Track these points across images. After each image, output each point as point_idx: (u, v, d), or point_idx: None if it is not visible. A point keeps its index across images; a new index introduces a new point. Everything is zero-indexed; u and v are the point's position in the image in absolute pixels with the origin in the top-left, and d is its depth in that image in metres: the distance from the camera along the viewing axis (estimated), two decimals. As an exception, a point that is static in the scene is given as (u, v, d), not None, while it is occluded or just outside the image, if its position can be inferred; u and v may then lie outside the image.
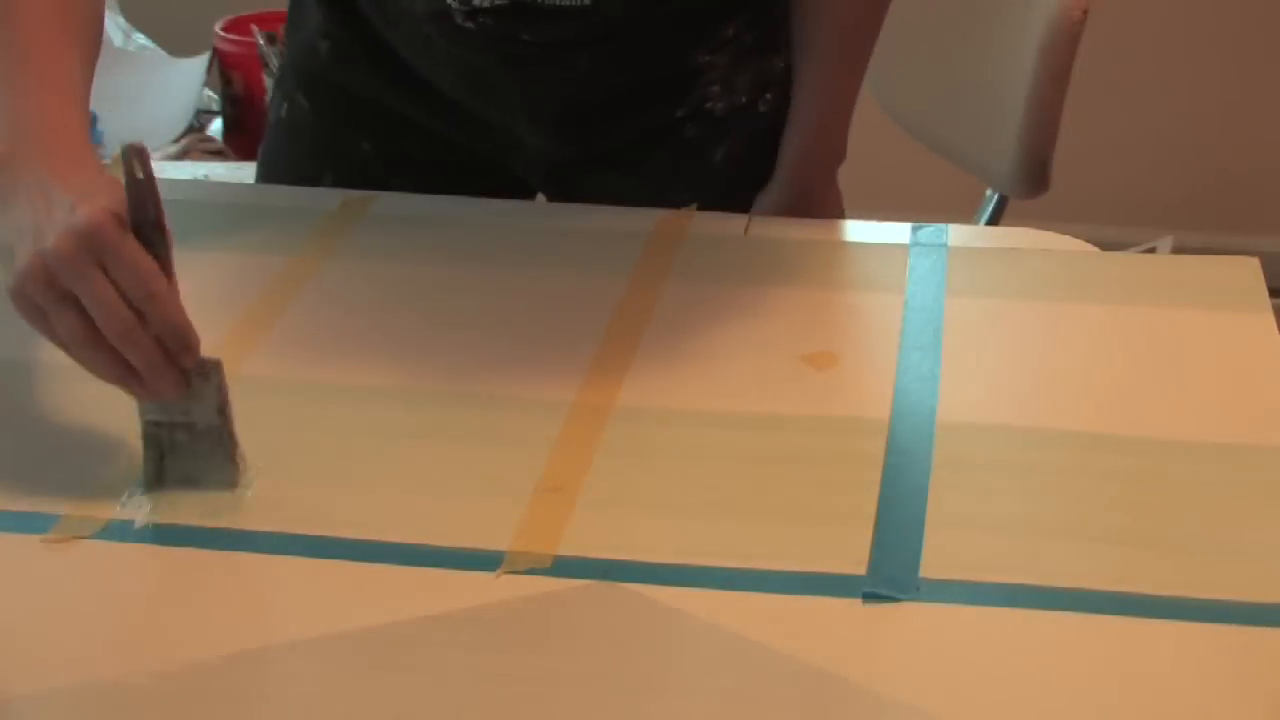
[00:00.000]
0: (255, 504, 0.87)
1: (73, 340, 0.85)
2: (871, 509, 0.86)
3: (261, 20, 1.81)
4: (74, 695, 0.74)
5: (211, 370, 0.88)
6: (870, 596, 0.80)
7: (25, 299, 0.85)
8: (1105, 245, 1.18)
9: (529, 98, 1.23)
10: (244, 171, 1.59)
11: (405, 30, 1.23)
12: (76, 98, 0.96)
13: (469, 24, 1.17)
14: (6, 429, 0.95)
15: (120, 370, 0.85)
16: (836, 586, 0.81)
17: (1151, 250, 2.45)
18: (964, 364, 1.00)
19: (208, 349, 1.00)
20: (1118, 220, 2.73)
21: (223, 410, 0.89)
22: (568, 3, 1.16)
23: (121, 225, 0.84)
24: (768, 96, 1.28)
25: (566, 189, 1.29)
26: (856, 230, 1.23)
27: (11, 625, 0.79)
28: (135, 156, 0.86)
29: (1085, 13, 1.45)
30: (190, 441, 0.89)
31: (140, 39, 2.14)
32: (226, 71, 1.80)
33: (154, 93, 1.90)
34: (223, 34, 1.81)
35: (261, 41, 1.63)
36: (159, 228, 0.86)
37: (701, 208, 1.23)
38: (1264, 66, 2.76)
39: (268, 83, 1.67)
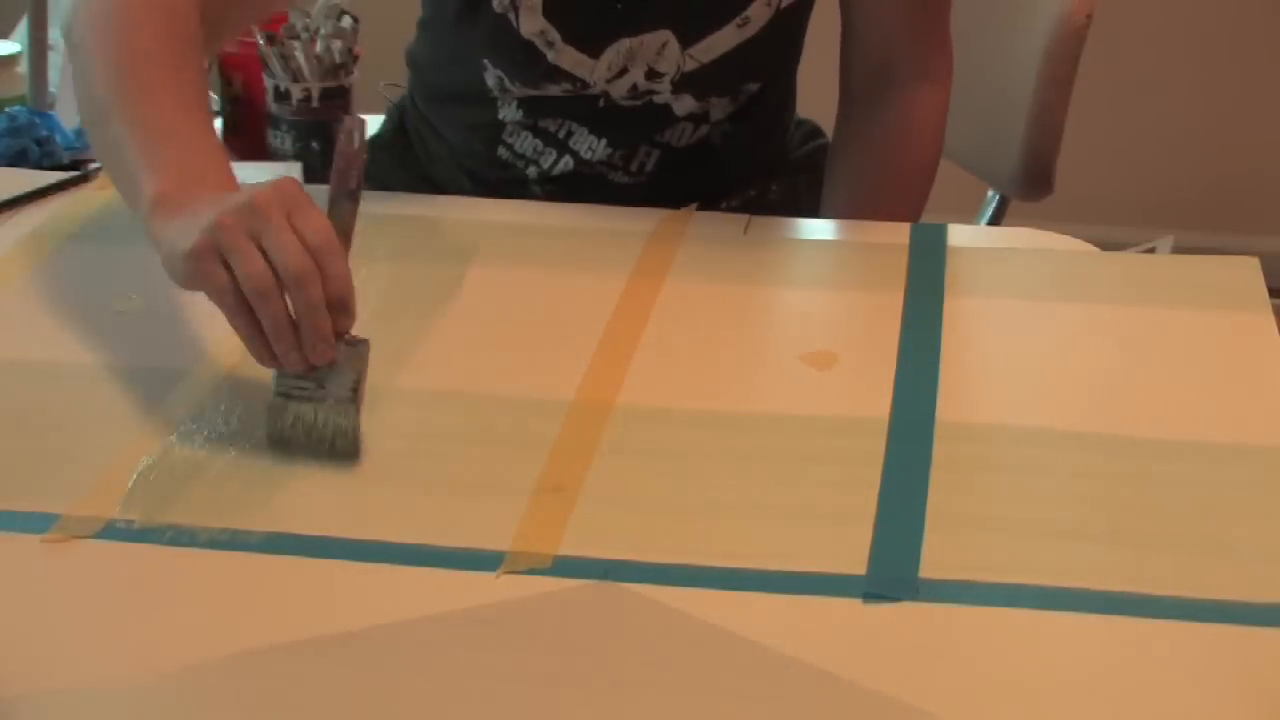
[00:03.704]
0: (255, 504, 0.87)
1: (252, 280, 0.87)
2: (871, 509, 0.86)
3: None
4: (74, 695, 0.74)
5: (359, 345, 0.91)
6: (870, 596, 0.80)
7: (214, 245, 0.88)
8: (1105, 245, 1.18)
9: None
10: (244, 171, 1.59)
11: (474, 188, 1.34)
12: (213, 138, 1.03)
13: (537, 189, 1.30)
14: (6, 429, 0.95)
15: (285, 325, 0.88)
16: (836, 586, 0.81)
17: (1151, 250, 2.45)
18: (964, 364, 1.00)
19: (204, 349, 1.00)
20: (1118, 220, 2.73)
21: (357, 387, 0.91)
22: (625, 180, 1.29)
23: (304, 192, 0.91)
24: (774, 187, 1.37)
25: None
26: (856, 230, 1.23)
27: (11, 625, 0.79)
28: (354, 129, 0.95)
29: (1089, 17, 1.45)
30: (315, 417, 0.91)
31: (140, 39, 2.14)
32: (227, 72, 1.79)
33: (154, 93, 1.90)
34: (223, 34, 1.81)
35: (262, 42, 1.63)
36: (353, 197, 0.94)
37: (701, 208, 1.23)
38: (1264, 67, 2.76)
39: (268, 83, 1.66)
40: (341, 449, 0.90)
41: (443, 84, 1.35)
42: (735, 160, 1.34)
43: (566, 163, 1.29)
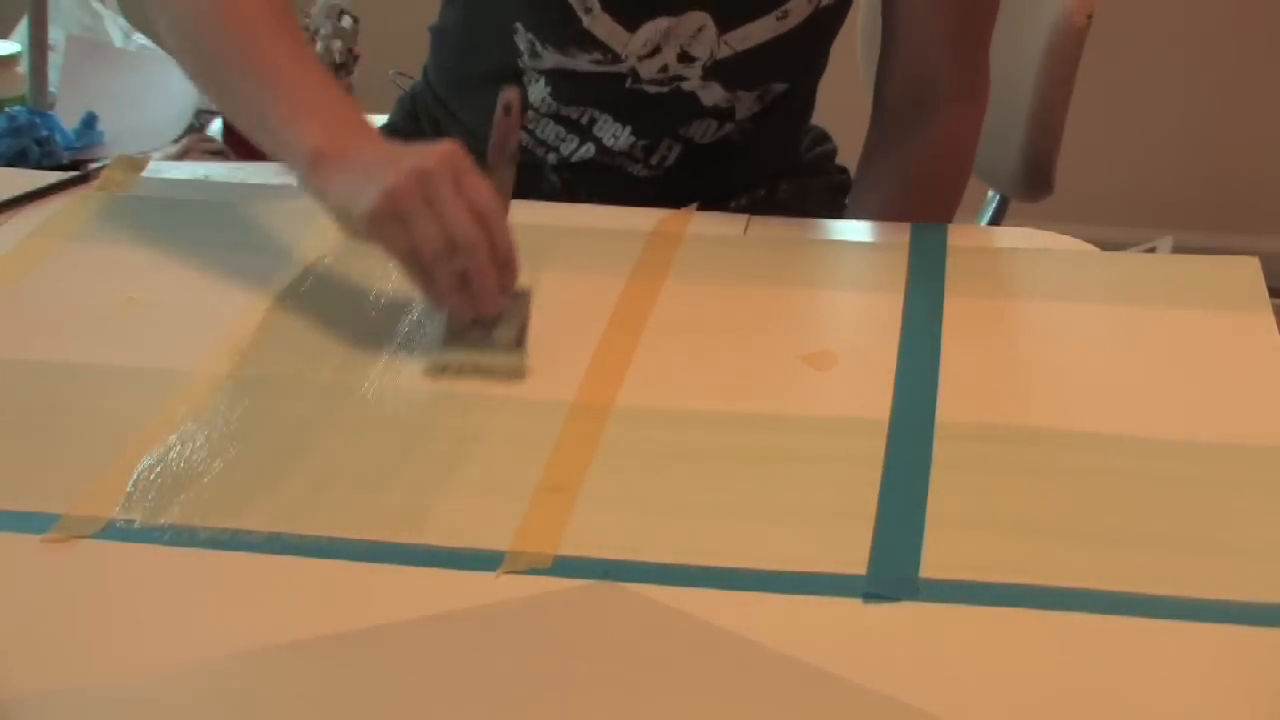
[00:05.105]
0: (255, 504, 0.87)
1: (428, 245, 0.96)
2: (871, 509, 0.86)
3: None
4: (74, 695, 0.74)
5: (522, 295, 1.02)
6: (870, 596, 0.80)
7: (392, 210, 0.96)
8: (1105, 245, 1.18)
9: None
10: (244, 171, 1.59)
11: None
12: (335, 83, 1.10)
13: (554, 177, 1.30)
14: (6, 429, 0.95)
15: (456, 280, 0.97)
16: (836, 586, 0.81)
17: (1151, 250, 2.45)
18: (964, 364, 1.00)
19: (204, 349, 1.00)
20: (1118, 220, 2.73)
21: (521, 333, 1.01)
22: (644, 172, 1.29)
23: (469, 158, 0.99)
24: (782, 187, 1.36)
25: None
26: (856, 230, 1.24)
27: (11, 625, 0.79)
28: (511, 97, 1.04)
29: (1090, 17, 1.45)
30: (481, 358, 0.99)
31: (140, 39, 2.14)
32: (227, 72, 1.80)
33: (154, 93, 1.90)
34: (223, 34, 1.81)
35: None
36: (511, 161, 1.04)
37: (701, 208, 1.23)
38: (1263, 66, 2.76)
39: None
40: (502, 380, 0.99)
41: (469, 61, 1.34)
42: (753, 161, 1.34)
43: (588, 150, 1.29)
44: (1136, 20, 2.69)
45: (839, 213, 1.32)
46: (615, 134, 1.28)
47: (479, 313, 0.99)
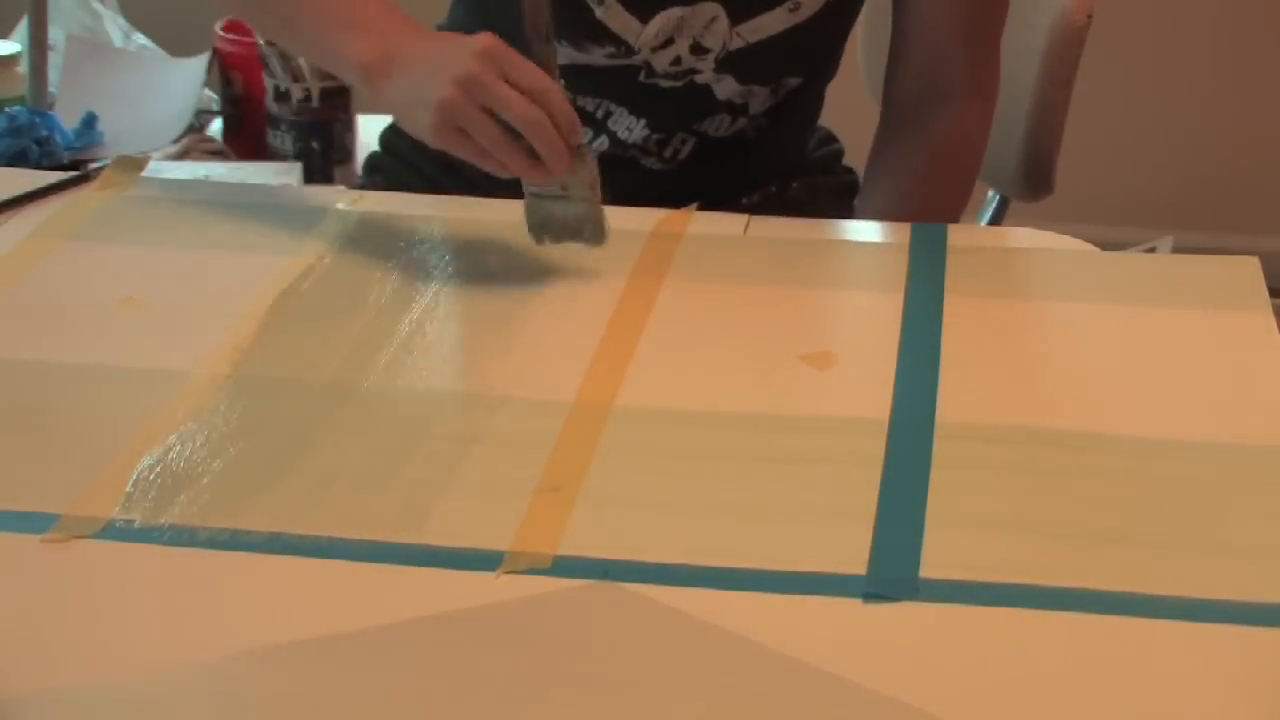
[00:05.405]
0: (255, 504, 0.87)
1: (494, 143, 1.04)
2: (871, 509, 0.86)
3: (262, 20, 1.80)
4: (74, 695, 0.74)
5: (587, 152, 1.08)
6: (870, 596, 0.80)
7: (450, 124, 1.04)
8: (1105, 245, 1.18)
9: None
10: (244, 171, 1.59)
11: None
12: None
13: None
14: (6, 429, 0.95)
15: (527, 159, 1.05)
16: (836, 586, 0.81)
17: (1151, 250, 2.45)
18: (964, 364, 1.00)
19: (204, 349, 1.00)
20: (1118, 220, 2.73)
21: (594, 185, 1.09)
22: (657, 165, 1.30)
23: (507, 45, 1.05)
24: (794, 185, 1.36)
25: None
26: (856, 230, 1.24)
27: (11, 625, 0.79)
28: None
29: (1090, 17, 1.45)
30: (565, 210, 1.10)
31: (140, 39, 2.14)
32: (227, 71, 1.80)
33: (154, 93, 1.90)
34: (223, 34, 1.81)
35: (262, 42, 1.63)
36: (548, 38, 1.09)
37: (702, 208, 1.23)
38: (1263, 66, 2.76)
39: (268, 83, 1.66)
40: (589, 235, 1.11)
41: None
42: (765, 157, 1.34)
43: (602, 143, 1.30)
44: (1136, 20, 2.69)
45: (849, 213, 1.32)
46: (629, 127, 1.28)
47: (551, 175, 1.06)
